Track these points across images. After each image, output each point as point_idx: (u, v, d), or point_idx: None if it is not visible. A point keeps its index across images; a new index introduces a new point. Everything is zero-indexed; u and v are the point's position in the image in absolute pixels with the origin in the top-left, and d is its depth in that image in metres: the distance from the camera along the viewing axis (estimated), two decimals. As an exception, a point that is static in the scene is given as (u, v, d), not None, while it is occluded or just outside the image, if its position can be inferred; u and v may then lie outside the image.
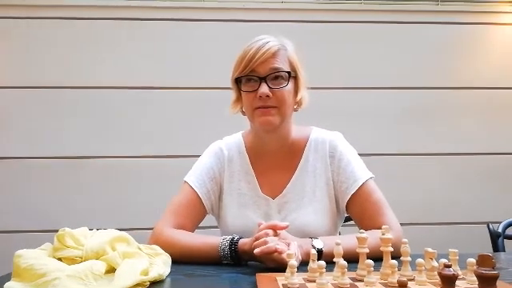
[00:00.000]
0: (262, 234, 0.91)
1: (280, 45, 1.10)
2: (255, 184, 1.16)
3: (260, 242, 0.89)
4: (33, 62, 1.95)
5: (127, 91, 1.97)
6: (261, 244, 0.88)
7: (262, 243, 0.88)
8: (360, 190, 1.10)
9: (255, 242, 0.90)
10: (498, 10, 2.11)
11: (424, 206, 1.97)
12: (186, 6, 2.01)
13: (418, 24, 2.08)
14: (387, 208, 1.08)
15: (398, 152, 2.02)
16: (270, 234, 0.91)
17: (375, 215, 1.07)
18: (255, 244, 0.90)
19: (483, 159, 2.06)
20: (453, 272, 0.64)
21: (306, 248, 0.93)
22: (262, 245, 0.88)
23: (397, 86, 2.06)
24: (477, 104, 2.08)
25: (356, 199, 1.10)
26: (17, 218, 1.90)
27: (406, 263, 0.77)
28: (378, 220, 1.05)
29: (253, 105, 1.08)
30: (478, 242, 1.44)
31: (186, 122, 1.97)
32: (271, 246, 0.86)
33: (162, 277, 0.83)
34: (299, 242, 0.94)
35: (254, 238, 0.93)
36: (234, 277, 0.88)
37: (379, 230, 0.86)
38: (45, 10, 1.96)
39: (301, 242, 0.94)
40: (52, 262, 0.79)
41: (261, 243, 0.88)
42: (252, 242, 0.92)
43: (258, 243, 0.89)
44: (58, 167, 1.93)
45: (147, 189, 1.94)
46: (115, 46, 1.98)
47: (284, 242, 0.91)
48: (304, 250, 0.92)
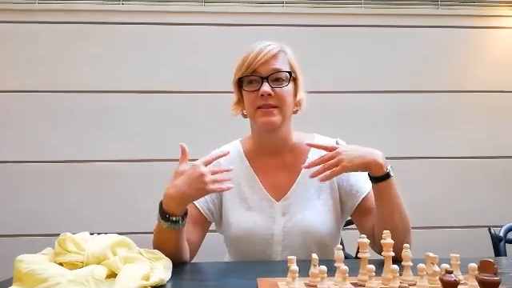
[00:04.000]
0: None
1: (280, 48, 1.13)
2: (258, 187, 1.16)
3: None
4: (29, 66, 1.95)
5: (125, 95, 1.97)
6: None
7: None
8: (370, 193, 1.12)
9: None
10: (499, 13, 2.11)
11: (425, 210, 1.96)
12: (185, 11, 2.01)
13: (419, 28, 2.09)
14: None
15: (397, 156, 2.01)
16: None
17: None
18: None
19: (484, 163, 2.06)
20: (454, 278, 0.64)
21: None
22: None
23: (397, 90, 2.06)
24: (478, 107, 2.08)
25: (365, 202, 1.12)
26: (17, 222, 1.90)
27: (408, 268, 0.77)
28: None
29: (254, 104, 1.10)
30: (480, 247, 1.44)
31: (187, 125, 1.97)
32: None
33: (163, 281, 0.83)
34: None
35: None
36: (235, 282, 0.88)
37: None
38: (42, 14, 1.97)
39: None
40: (53, 267, 0.79)
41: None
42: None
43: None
44: (58, 171, 1.93)
45: (147, 193, 1.93)
46: (113, 51, 1.99)
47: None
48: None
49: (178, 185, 0.97)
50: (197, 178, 0.96)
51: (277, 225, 1.12)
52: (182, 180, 0.97)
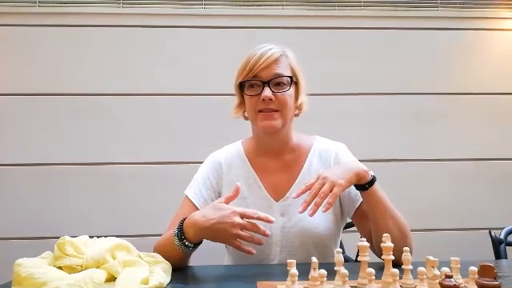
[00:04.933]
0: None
1: (282, 52, 1.13)
2: (258, 187, 1.16)
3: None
4: (28, 69, 1.95)
5: (126, 97, 1.97)
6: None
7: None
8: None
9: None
10: (498, 15, 2.11)
11: (424, 213, 1.96)
12: (185, 13, 2.01)
13: (419, 30, 2.09)
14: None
15: (398, 158, 2.02)
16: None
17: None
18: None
19: (485, 165, 2.05)
20: (454, 282, 0.64)
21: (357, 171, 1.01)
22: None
23: (397, 92, 2.06)
24: (478, 110, 2.08)
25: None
26: (16, 225, 1.89)
27: (408, 271, 0.77)
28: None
29: (256, 108, 1.11)
30: (480, 249, 1.43)
31: (186, 128, 1.97)
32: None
33: (162, 285, 0.83)
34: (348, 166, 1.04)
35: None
36: (234, 285, 0.88)
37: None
38: (41, 17, 1.97)
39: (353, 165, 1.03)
40: (52, 271, 0.79)
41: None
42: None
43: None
44: (57, 174, 1.92)
45: (147, 196, 1.94)
46: (113, 54, 1.99)
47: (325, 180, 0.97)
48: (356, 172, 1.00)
49: (206, 216, 0.95)
50: (227, 224, 0.93)
51: (275, 225, 1.11)
52: (214, 216, 0.95)
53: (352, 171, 1.00)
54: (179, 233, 0.97)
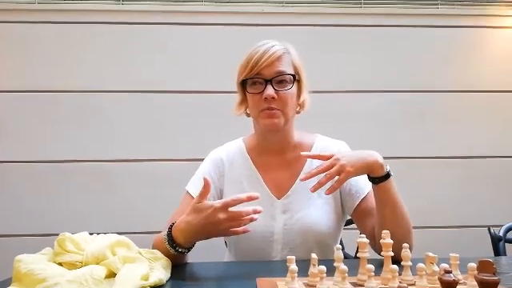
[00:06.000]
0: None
1: (284, 49, 1.13)
2: (260, 184, 1.16)
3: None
4: (27, 66, 1.95)
5: (125, 95, 1.97)
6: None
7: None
8: (369, 194, 1.12)
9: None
10: (498, 13, 2.10)
11: (424, 210, 1.95)
12: (185, 10, 2.01)
13: (418, 27, 2.08)
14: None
15: (396, 156, 2.01)
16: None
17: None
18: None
19: (484, 162, 2.06)
20: (453, 278, 0.64)
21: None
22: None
23: (396, 90, 2.05)
24: (478, 107, 2.08)
25: (365, 203, 1.13)
26: (16, 222, 1.90)
27: (407, 268, 0.77)
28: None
29: (258, 106, 1.10)
30: (479, 246, 1.44)
31: (186, 125, 1.97)
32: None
33: (162, 281, 0.83)
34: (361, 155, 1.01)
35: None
36: (234, 282, 0.88)
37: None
38: (40, 14, 1.96)
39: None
40: (52, 267, 0.79)
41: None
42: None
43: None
44: (57, 171, 1.93)
45: (147, 192, 1.94)
46: (113, 50, 1.98)
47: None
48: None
49: (191, 222, 0.92)
50: (214, 223, 0.91)
51: (277, 223, 1.12)
52: (198, 220, 0.91)
53: (365, 161, 0.99)
54: (170, 241, 0.95)
